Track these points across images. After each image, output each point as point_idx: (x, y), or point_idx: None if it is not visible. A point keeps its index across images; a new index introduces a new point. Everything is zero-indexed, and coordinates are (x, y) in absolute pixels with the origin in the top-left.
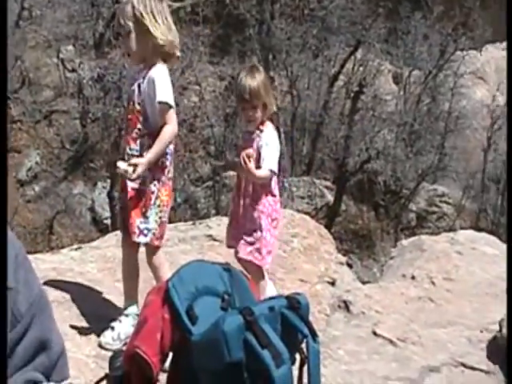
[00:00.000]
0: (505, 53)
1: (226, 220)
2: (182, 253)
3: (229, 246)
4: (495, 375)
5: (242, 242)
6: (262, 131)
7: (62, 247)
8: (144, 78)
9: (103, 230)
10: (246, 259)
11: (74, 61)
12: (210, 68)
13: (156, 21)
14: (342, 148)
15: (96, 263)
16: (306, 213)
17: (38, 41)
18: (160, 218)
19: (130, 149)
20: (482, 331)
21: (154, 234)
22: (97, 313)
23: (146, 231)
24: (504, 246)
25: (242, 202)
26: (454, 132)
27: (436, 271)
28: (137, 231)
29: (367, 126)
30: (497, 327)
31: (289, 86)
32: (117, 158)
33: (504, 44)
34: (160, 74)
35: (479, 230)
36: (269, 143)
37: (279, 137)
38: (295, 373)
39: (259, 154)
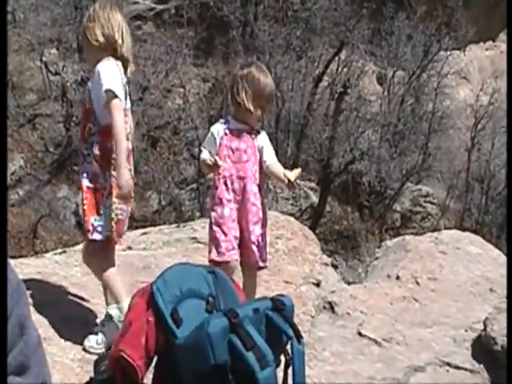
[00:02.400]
0: (488, 53)
1: None
2: (166, 256)
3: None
4: (480, 374)
5: (255, 248)
6: (259, 132)
7: (47, 251)
8: (92, 76)
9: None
10: (264, 266)
11: (58, 64)
12: (194, 70)
13: (97, 25)
14: (326, 149)
15: (80, 267)
16: (291, 214)
17: (21, 44)
18: (116, 215)
19: (86, 148)
20: (466, 330)
21: (108, 231)
22: (81, 317)
23: (99, 228)
24: (488, 245)
25: (248, 207)
26: (437, 132)
27: (420, 271)
28: (91, 229)
29: (351, 126)
30: (481, 326)
31: None
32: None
33: (488, 44)
34: (105, 65)
35: (463, 229)
36: (268, 143)
37: None
38: (280, 374)
39: (257, 154)
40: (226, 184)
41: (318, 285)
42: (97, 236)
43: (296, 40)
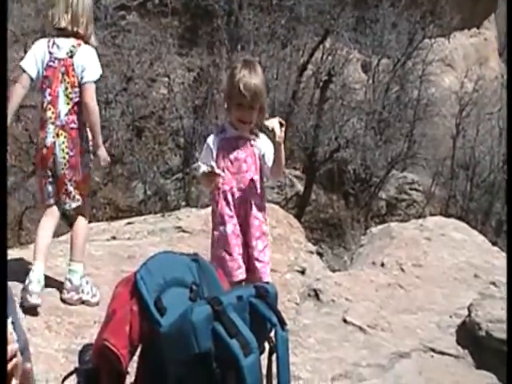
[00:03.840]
0: (473, 40)
1: (195, 211)
2: (151, 245)
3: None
4: (464, 359)
5: (259, 265)
6: (257, 136)
7: (32, 242)
8: None
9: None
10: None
11: None
12: (179, 59)
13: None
14: (311, 137)
15: (65, 257)
16: (276, 203)
17: None
18: None
19: None
20: (451, 316)
21: None
22: (66, 307)
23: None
24: (473, 232)
25: (251, 221)
26: (422, 119)
27: (405, 258)
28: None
29: (336, 114)
30: (466, 312)
31: None
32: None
33: (472, 31)
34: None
35: (449, 216)
36: (269, 148)
37: None
38: (265, 362)
39: (258, 162)
40: (226, 199)
41: (302, 272)
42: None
43: (281, 29)
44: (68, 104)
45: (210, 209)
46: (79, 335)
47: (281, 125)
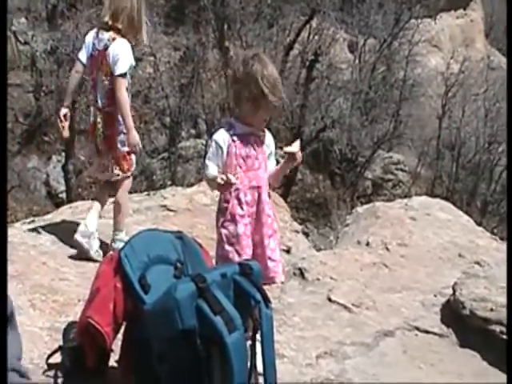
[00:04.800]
0: (459, 21)
1: (180, 190)
2: (136, 223)
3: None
4: (448, 338)
5: (271, 264)
6: (264, 133)
7: (18, 221)
8: None
9: (58, 204)
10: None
11: (27, 33)
12: (165, 38)
13: None
14: (297, 117)
15: (49, 236)
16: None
17: None
18: None
19: None
20: (435, 295)
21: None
22: (50, 286)
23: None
24: (458, 212)
25: (263, 219)
26: (408, 100)
27: (390, 237)
28: None
29: (322, 94)
30: (450, 291)
31: None
32: (71, 130)
33: (458, 12)
34: None
35: (434, 196)
36: (273, 146)
37: None
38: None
39: (264, 156)
40: (238, 197)
41: (288, 251)
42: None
43: (267, 8)
44: (103, 90)
45: (194, 188)
46: (63, 313)
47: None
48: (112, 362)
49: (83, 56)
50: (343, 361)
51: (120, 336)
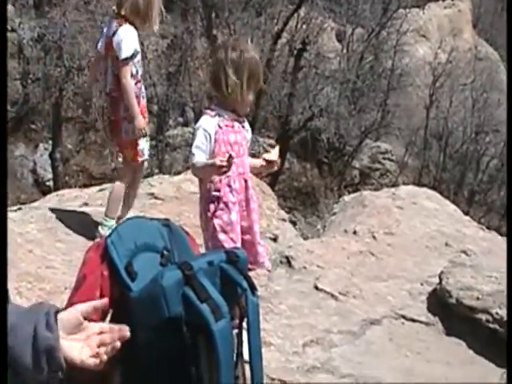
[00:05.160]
0: (447, 11)
1: (168, 178)
2: None
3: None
4: (435, 326)
5: (261, 249)
6: (244, 120)
7: None
8: None
9: (45, 192)
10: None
11: (14, 21)
12: None
13: None
14: (285, 106)
15: (36, 223)
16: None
17: None
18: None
19: None
20: (422, 284)
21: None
22: (37, 273)
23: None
24: (445, 201)
25: (251, 206)
26: (396, 89)
27: (377, 226)
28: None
29: (310, 83)
30: (436, 280)
31: None
32: (58, 118)
33: (446, 2)
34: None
35: (421, 186)
36: (249, 132)
37: None
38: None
39: (247, 143)
40: (229, 185)
41: (275, 239)
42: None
43: None
44: (110, 76)
45: (181, 176)
46: (50, 301)
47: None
48: None
49: (99, 45)
50: (330, 349)
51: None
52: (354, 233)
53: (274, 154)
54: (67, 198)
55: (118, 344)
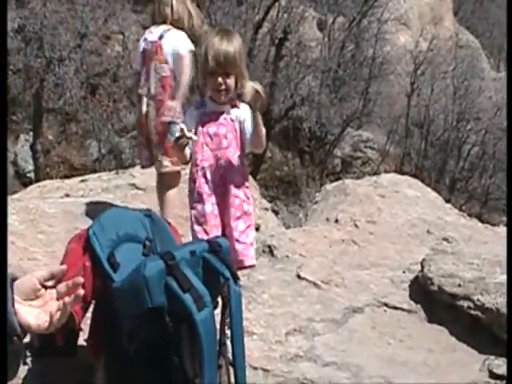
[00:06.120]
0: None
1: (149, 169)
2: (105, 202)
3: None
4: (417, 313)
5: (238, 246)
6: (237, 107)
7: None
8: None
9: (27, 184)
10: (250, 265)
11: None
12: (134, 16)
13: None
14: (266, 95)
15: (18, 215)
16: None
17: None
18: None
19: None
20: (404, 272)
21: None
22: (19, 265)
23: None
24: (426, 189)
25: (230, 200)
26: (377, 78)
27: (359, 214)
28: None
29: (292, 72)
30: (418, 267)
31: None
32: (39, 109)
33: None
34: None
35: (403, 174)
36: (248, 117)
37: None
38: (218, 317)
39: (239, 138)
40: (205, 176)
41: (257, 229)
42: None
43: None
44: (155, 78)
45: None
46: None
47: (256, 92)
48: (81, 341)
49: (134, 62)
50: (312, 337)
51: (89, 315)
52: (336, 221)
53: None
54: (48, 190)
55: (81, 292)
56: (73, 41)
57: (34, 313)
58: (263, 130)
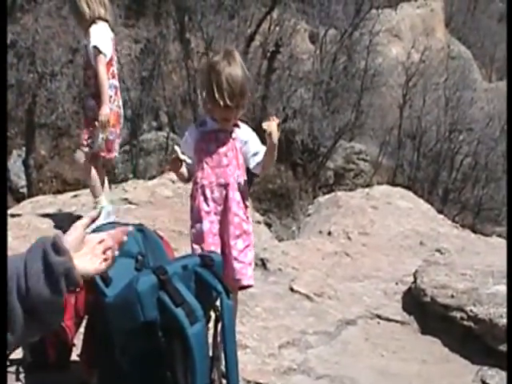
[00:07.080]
0: (419, 11)
1: (142, 183)
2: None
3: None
4: (410, 325)
5: (237, 265)
6: (238, 127)
7: None
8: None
9: (19, 199)
10: (248, 285)
11: None
12: (125, 31)
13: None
14: (259, 108)
15: (11, 231)
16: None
17: None
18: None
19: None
20: (397, 283)
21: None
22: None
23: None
24: (418, 200)
25: (229, 218)
26: (370, 89)
27: (352, 226)
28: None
29: (284, 85)
30: (411, 279)
31: (205, 48)
32: (32, 124)
33: (419, 2)
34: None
35: (396, 185)
36: (253, 138)
37: None
38: (211, 331)
39: (240, 157)
40: (204, 194)
41: None
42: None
43: None
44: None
45: (156, 180)
46: None
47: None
48: (74, 356)
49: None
50: (306, 350)
51: (82, 330)
52: (329, 234)
53: (269, 125)
54: (41, 205)
55: (125, 238)
56: (65, 56)
57: (86, 259)
58: (274, 159)
